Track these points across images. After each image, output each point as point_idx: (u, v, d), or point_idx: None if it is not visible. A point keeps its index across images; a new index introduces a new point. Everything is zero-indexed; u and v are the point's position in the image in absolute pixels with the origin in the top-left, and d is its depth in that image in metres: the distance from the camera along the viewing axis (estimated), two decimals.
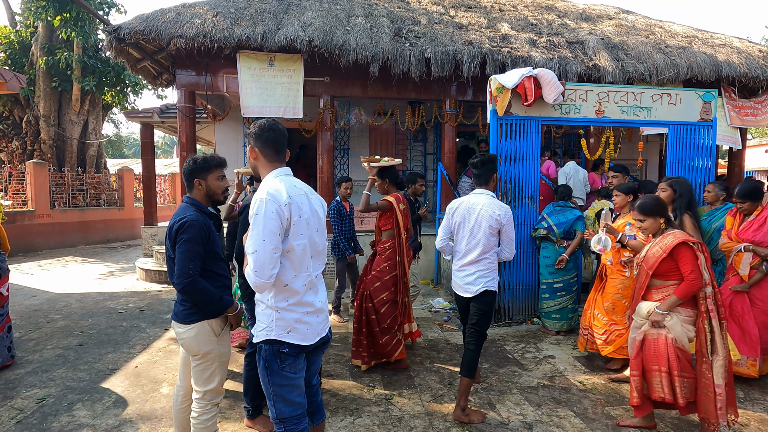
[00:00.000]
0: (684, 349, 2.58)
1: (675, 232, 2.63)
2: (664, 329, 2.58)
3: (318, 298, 1.93)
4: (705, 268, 2.53)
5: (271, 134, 1.89)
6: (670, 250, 2.55)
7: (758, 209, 3.44)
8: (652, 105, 4.85)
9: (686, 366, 2.56)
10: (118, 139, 29.70)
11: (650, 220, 2.70)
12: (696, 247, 2.54)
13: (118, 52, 6.01)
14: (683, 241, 2.54)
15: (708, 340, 2.52)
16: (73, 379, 3.50)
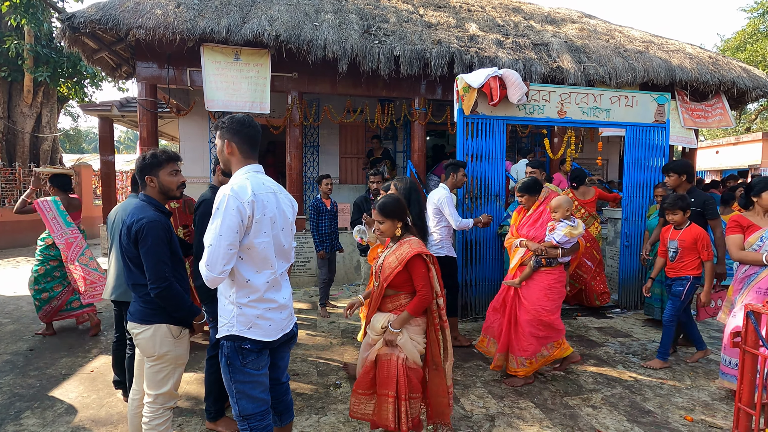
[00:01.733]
0: (415, 367, 2.35)
1: (411, 241, 2.35)
2: (397, 348, 2.32)
3: (281, 294, 1.92)
4: (436, 280, 2.34)
5: (250, 131, 1.89)
6: (406, 263, 2.27)
7: (536, 204, 3.47)
8: (610, 107, 5.05)
9: (416, 386, 2.34)
10: (76, 134, 28.26)
11: (388, 222, 2.37)
12: (428, 260, 2.31)
13: (72, 41, 5.71)
14: (418, 252, 2.27)
15: (441, 349, 2.37)
16: (22, 386, 3.32)
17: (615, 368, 3.67)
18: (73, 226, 4.22)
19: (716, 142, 16.18)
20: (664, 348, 3.68)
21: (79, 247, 4.18)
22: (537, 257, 3.26)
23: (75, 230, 4.21)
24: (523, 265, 3.40)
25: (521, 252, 3.42)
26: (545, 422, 2.83)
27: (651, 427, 2.78)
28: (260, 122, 7.71)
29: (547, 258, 3.25)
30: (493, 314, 3.53)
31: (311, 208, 4.94)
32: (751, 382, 1.74)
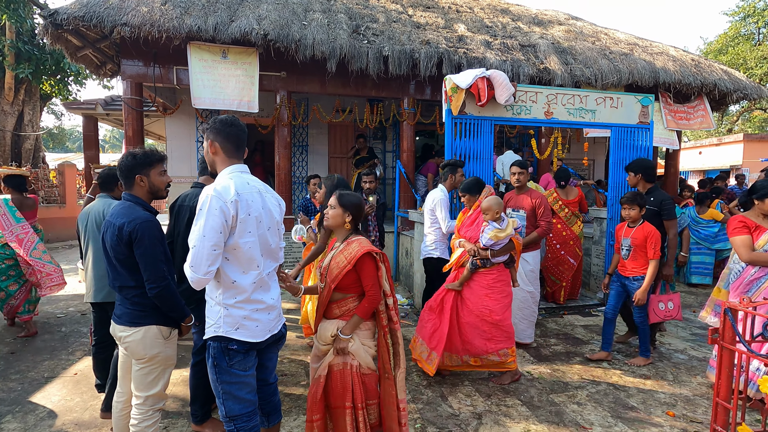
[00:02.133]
0: (369, 372, 2.24)
1: (359, 240, 2.22)
2: (350, 356, 2.19)
3: (269, 295, 1.91)
4: (385, 279, 2.22)
5: (233, 130, 1.89)
6: (355, 262, 2.14)
7: (476, 204, 3.43)
8: (596, 108, 5.13)
9: (372, 392, 2.24)
10: (60, 132, 27.72)
11: (340, 210, 2.28)
12: (378, 258, 2.21)
13: (55, 38, 5.60)
14: (368, 251, 2.14)
15: (391, 355, 2.24)
16: (3, 389, 3.25)
17: (600, 365, 3.72)
18: (24, 222, 4.25)
19: (699, 143, 16.52)
20: (644, 346, 3.72)
21: (30, 242, 4.23)
22: (472, 258, 3.22)
23: (25, 225, 4.25)
24: (462, 266, 3.36)
25: (458, 252, 3.38)
26: (531, 419, 2.86)
27: (634, 423, 2.83)
28: (248, 121, 7.71)
29: (480, 259, 3.21)
30: (429, 314, 3.40)
31: (300, 207, 4.93)
32: (729, 378, 1.79)
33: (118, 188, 2.97)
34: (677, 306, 3.75)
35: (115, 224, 2.03)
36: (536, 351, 4.03)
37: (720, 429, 1.82)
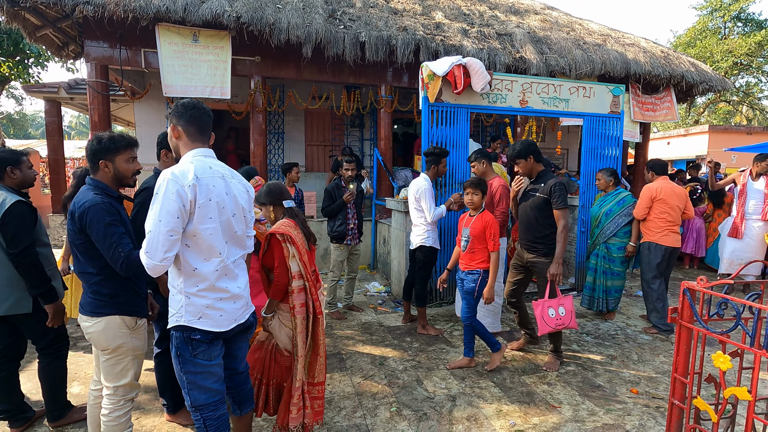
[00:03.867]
0: (285, 354, 2.31)
1: (283, 221, 2.32)
2: (271, 335, 2.35)
3: (235, 284, 1.86)
4: (297, 260, 2.25)
5: (195, 113, 1.83)
6: (266, 242, 2.27)
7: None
8: (569, 97, 5.22)
9: (282, 373, 2.31)
10: (21, 118, 26.38)
11: (263, 209, 2.46)
12: (284, 239, 2.24)
13: (11, 16, 5.28)
14: (272, 232, 2.26)
15: (303, 337, 2.28)
16: None
17: (569, 347, 3.86)
18: None
19: (668, 133, 17.09)
20: (467, 347, 3.41)
21: None
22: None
23: None
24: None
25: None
26: (504, 400, 2.95)
27: (600, 401, 2.96)
28: (222, 107, 7.50)
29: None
30: None
31: None
32: (686, 354, 1.88)
33: (7, 175, 2.52)
34: (569, 311, 3.29)
35: (70, 210, 1.99)
36: (509, 335, 4.14)
37: (677, 402, 1.92)
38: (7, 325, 2.48)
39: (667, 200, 4.13)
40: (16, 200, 2.38)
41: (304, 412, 2.26)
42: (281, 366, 2.30)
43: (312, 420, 2.30)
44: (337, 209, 4.45)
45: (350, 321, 4.48)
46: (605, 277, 4.55)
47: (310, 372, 2.33)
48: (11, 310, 2.42)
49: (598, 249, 4.63)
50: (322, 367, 2.35)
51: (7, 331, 2.49)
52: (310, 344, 2.31)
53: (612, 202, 4.60)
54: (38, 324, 2.47)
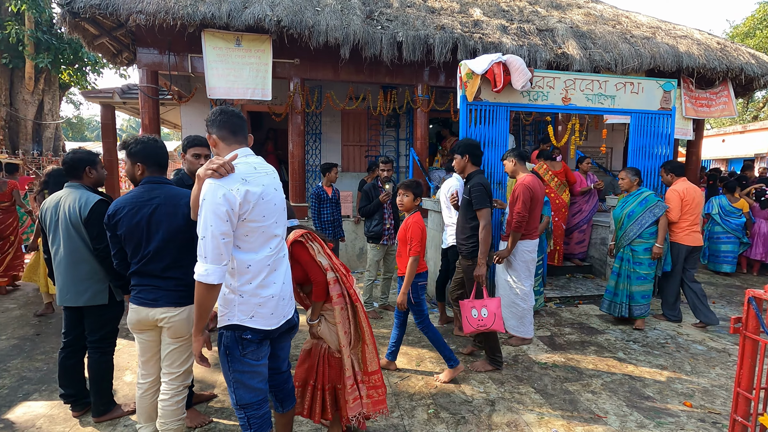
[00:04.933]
0: (338, 356, 2.31)
1: (294, 232, 2.28)
2: (321, 339, 2.34)
3: (282, 277, 1.89)
4: (323, 254, 2.26)
5: (224, 117, 1.84)
6: (291, 255, 2.20)
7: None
8: (615, 93, 4.99)
9: (336, 375, 2.31)
10: (78, 121, 28.23)
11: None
12: (307, 238, 2.26)
13: (72, 27, 5.66)
14: (293, 240, 2.23)
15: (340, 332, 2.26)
16: (30, 369, 3.38)
17: (615, 355, 3.69)
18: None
19: (723, 130, 16.00)
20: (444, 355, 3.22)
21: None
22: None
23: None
24: None
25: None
26: (545, 407, 2.85)
27: (650, 412, 2.80)
28: (262, 109, 7.72)
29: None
30: None
31: (312, 196, 4.94)
32: (751, 368, 1.75)
33: (86, 175, 2.65)
34: (492, 314, 3.19)
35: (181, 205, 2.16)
36: (550, 340, 4.01)
37: (740, 419, 1.78)
38: (80, 316, 2.65)
39: (690, 201, 4.30)
40: (98, 199, 2.53)
41: (361, 402, 2.27)
42: (335, 369, 2.30)
43: (372, 409, 2.31)
44: (374, 209, 4.47)
45: (386, 320, 4.49)
46: (629, 281, 4.30)
47: (363, 361, 2.34)
48: (89, 302, 2.56)
49: (622, 252, 4.38)
50: (373, 356, 2.35)
51: (78, 322, 2.67)
52: (357, 334, 2.32)
53: (634, 202, 4.34)
54: (101, 318, 2.62)
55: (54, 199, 2.61)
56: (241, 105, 7.81)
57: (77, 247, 2.53)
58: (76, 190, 2.58)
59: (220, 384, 3.15)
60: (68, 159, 2.65)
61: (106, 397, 2.69)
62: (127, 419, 2.70)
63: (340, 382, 2.30)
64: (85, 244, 2.52)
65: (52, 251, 2.61)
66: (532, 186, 3.72)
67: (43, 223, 2.63)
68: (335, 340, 2.29)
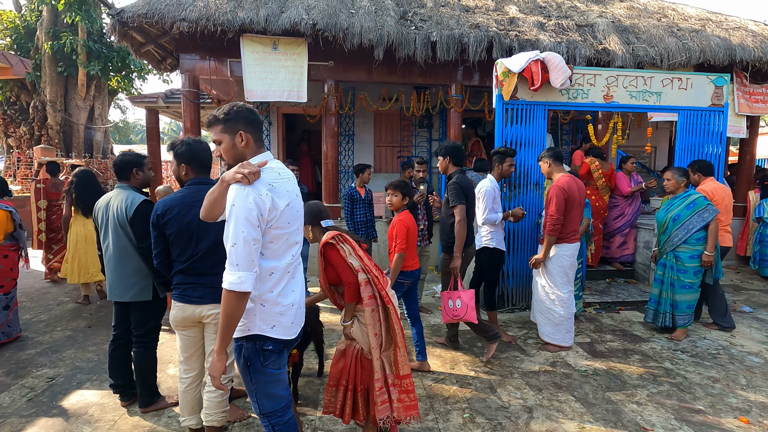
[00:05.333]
0: (369, 356, 2.31)
1: (327, 234, 2.33)
2: (354, 340, 2.35)
3: (300, 284, 1.84)
4: (354, 256, 2.26)
5: (254, 116, 1.75)
6: (322, 258, 2.29)
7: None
8: (662, 90, 4.76)
9: (368, 377, 2.31)
10: (125, 125, 29.80)
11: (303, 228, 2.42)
12: (338, 240, 2.27)
13: (121, 35, 5.97)
14: (324, 242, 2.28)
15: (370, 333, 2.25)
16: (82, 359, 3.58)
17: (662, 365, 3.50)
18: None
19: None
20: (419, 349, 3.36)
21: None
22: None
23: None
24: None
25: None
26: (586, 416, 2.75)
27: (701, 427, 2.65)
28: (297, 111, 7.83)
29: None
30: None
31: (345, 197, 4.98)
32: None
33: (133, 176, 2.78)
34: (465, 304, 3.31)
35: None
36: (590, 346, 3.86)
37: None
38: (127, 310, 2.78)
39: (720, 201, 4.21)
40: (143, 199, 2.66)
41: (391, 405, 2.26)
42: (368, 370, 2.30)
43: (404, 414, 2.29)
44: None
45: None
46: (672, 289, 4.05)
47: (395, 365, 2.32)
48: (136, 297, 2.68)
49: (666, 258, 4.11)
50: (404, 359, 2.33)
51: (125, 316, 2.80)
52: (389, 336, 2.30)
53: (681, 205, 4.03)
54: (145, 313, 2.74)
55: (105, 200, 2.75)
56: (276, 107, 8.00)
57: (124, 245, 2.65)
58: (124, 191, 2.71)
59: None
60: (117, 161, 2.78)
61: (151, 389, 2.80)
62: (171, 411, 2.81)
63: (371, 384, 2.30)
64: (131, 242, 2.64)
65: (103, 248, 2.75)
66: (568, 187, 3.61)
67: (96, 222, 2.78)
68: (367, 342, 2.29)
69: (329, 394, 2.38)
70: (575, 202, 3.64)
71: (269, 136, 8.17)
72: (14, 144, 11.94)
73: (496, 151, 4.10)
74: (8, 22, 11.90)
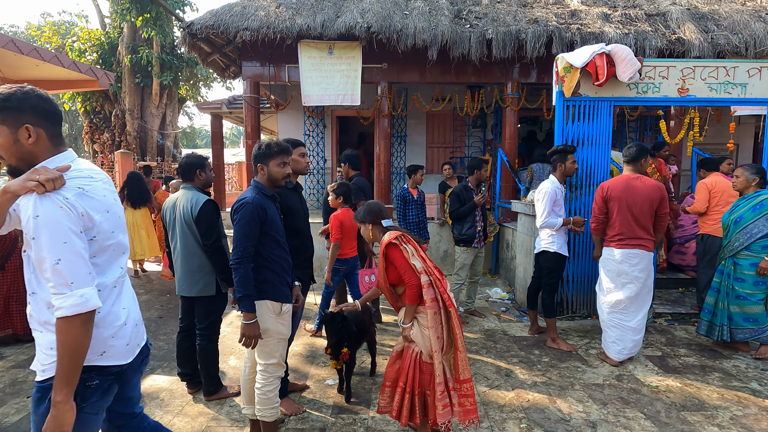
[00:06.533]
0: (429, 361, 2.25)
1: (388, 233, 2.31)
2: (413, 343, 2.31)
3: (131, 300, 1.57)
4: (417, 257, 2.23)
5: (51, 107, 1.37)
6: (384, 258, 2.29)
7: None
8: (748, 81, 4.30)
9: (427, 380, 2.25)
10: (191, 131, 31.95)
11: (362, 227, 2.45)
12: (401, 241, 2.26)
13: (190, 46, 6.40)
14: (387, 242, 2.26)
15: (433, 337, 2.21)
16: (154, 347, 3.86)
17: (747, 385, 3.16)
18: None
19: None
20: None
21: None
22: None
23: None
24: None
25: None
26: None
27: None
28: (350, 114, 8.00)
29: None
30: None
31: (398, 198, 4.98)
32: None
33: (196, 177, 2.91)
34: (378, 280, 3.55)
35: (233, 207, 2.28)
36: (661, 360, 3.57)
37: None
38: (192, 304, 2.95)
39: (719, 194, 4.22)
40: (206, 199, 2.82)
41: (452, 409, 2.23)
42: (426, 374, 2.26)
43: (464, 418, 2.25)
44: (468, 212, 4.35)
45: (472, 326, 4.36)
46: (727, 299, 3.64)
47: (455, 368, 2.28)
48: (201, 292, 2.82)
49: (724, 265, 3.70)
50: (465, 363, 2.28)
51: (191, 310, 2.97)
52: (450, 339, 2.27)
53: (746, 207, 3.61)
54: (208, 307, 2.89)
55: (172, 200, 2.94)
56: (330, 110, 8.19)
57: (189, 242, 2.81)
58: (189, 191, 2.88)
59: (312, 376, 3.31)
60: (182, 163, 2.98)
61: (214, 379, 2.96)
62: (232, 400, 2.95)
63: (430, 388, 2.26)
64: (195, 239, 2.79)
65: (172, 246, 2.94)
66: (608, 186, 3.52)
67: (164, 221, 2.98)
68: (428, 345, 2.25)
69: (385, 394, 2.37)
70: (622, 203, 3.40)
71: (323, 139, 8.39)
72: (98, 149, 13.20)
73: (554, 150, 3.91)
74: (95, 39, 13.20)
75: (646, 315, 3.55)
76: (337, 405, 2.88)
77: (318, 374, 3.34)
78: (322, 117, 8.26)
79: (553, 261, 3.79)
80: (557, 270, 3.83)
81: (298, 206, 2.84)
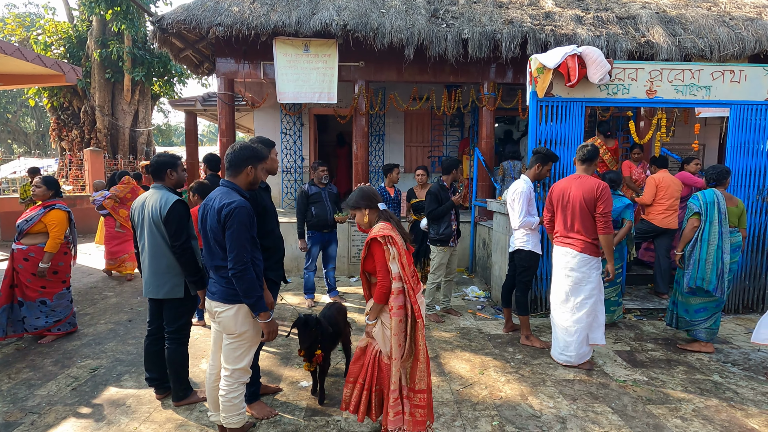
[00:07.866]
0: (387, 361, 2.28)
1: (379, 225, 2.31)
2: (374, 340, 2.34)
3: None
4: (397, 262, 2.22)
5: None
6: (367, 247, 2.28)
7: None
8: (712, 83, 4.46)
9: (384, 379, 2.29)
10: (167, 128, 31.16)
11: (357, 213, 2.41)
12: (386, 241, 2.23)
13: (162, 42, 6.22)
14: (374, 236, 2.25)
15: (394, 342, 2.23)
16: (123, 352, 3.74)
17: (710, 378, 3.27)
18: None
19: None
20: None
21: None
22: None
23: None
24: None
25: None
26: (624, 430, 2.60)
27: None
28: (328, 112, 7.92)
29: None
30: None
31: None
32: None
33: (167, 176, 2.83)
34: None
35: (215, 207, 2.18)
36: (630, 355, 3.66)
37: None
38: (160, 307, 2.87)
39: (665, 189, 4.89)
40: (176, 199, 2.73)
41: (403, 417, 2.23)
42: (384, 372, 2.28)
43: (412, 429, 2.24)
44: (445, 211, 4.35)
45: (448, 325, 4.38)
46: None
47: (411, 378, 2.28)
48: (168, 294, 2.75)
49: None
50: (423, 374, 2.28)
51: (159, 313, 2.89)
52: (411, 349, 2.25)
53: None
54: (177, 310, 2.81)
55: (141, 199, 2.84)
56: (308, 108, 8.11)
57: (158, 243, 2.73)
58: (159, 191, 2.78)
59: (285, 378, 3.27)
60: (153, 162, 2.87)
61: (183, 383, 2.88)
62: (202, 405, 2.88)
63: (387, 388, 2.27)
64: (164, 240, 2.71)
65: (140, 246, 2.85)
66: (554, 186, 3.59)
67: (132, 221, 2.88)
68: (387, 347, 2.26)
69: (348, 390, 2.39)
70: (559, 202, 3.45)
71: (301, 137, 8.30)
72: (67, 147, 12.73)
73: (538, 150, 3.92)
74: (62, 32, 12.70)
75: (586, 322, 3.35)
76: (311, 407, 2.85)
77: (292, 376, 3.30)
78: (300, 115, 8.16)
79: (527, 259, 3.85)
80: (531, 268, 3.89)
81: (271, 206, 2.79)
